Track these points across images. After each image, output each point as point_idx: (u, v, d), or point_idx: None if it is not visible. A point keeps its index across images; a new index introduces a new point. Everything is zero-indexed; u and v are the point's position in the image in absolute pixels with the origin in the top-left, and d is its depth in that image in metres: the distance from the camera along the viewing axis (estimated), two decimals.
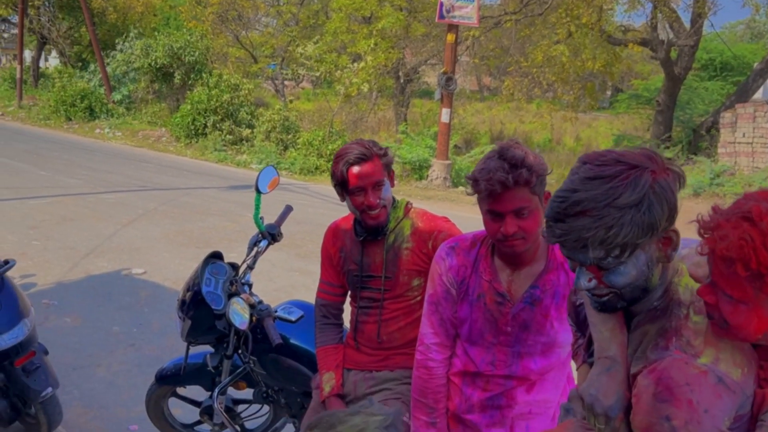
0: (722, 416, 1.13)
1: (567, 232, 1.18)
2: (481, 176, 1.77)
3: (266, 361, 2.76)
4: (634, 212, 1.15)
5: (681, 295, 1.24)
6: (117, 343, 4.63)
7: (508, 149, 1.80)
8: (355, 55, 15.43)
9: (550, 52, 13.81)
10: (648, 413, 1.17)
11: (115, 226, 7.63)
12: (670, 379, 1.14)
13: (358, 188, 2.20)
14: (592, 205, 1.15)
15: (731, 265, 1.06)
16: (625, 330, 1.30)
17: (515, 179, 1.73)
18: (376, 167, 2.20)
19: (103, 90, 19.22)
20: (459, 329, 1.99)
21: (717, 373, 1.14)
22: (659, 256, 1.21)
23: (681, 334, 1.19)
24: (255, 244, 2.83)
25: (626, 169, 1.17)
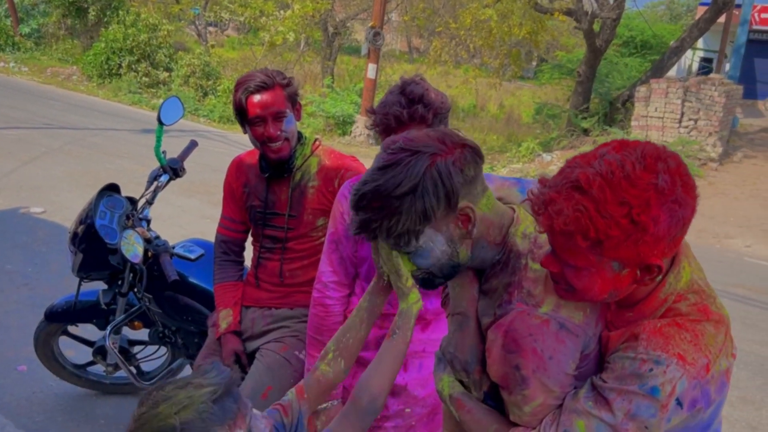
0: (567, 360, 1.17)
1: (359, 224, 1.21)
2: (378, 110, 1.74)
3: (162, 300, 2.67)
4: (410, 200, 1.15)
5: (519, 246, 1.25)
6: (9, 281, 4.38)
7: (408, 84, 1.78)
8: (283, 2, 14.96)
9: (479, 16, 13.82)
10: (500, 364, 1.21)
11: (14, 163, 7.17)
12: (515, 332, 1.18)
13: (257, 118, 2.11)
14: (375, 196, 1.17)
15: (571, 238, 1.06)
16: (476, 284, 1.32)
17: (410, 115, 1.71)
18: (277, 97, 2.11)
19: (9, 21, 17.89)
20: (358, 268, 1.96)
21: (558, 319, 1.17)
22: (461, 233, 1.21)
23: (522, 286, 1.21)
24: (155, 179, 2.70)
25: (406, 156, 1.17)
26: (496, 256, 1.26)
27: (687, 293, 1.16)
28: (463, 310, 1.32)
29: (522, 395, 1.19)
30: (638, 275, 1.10)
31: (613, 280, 1.10)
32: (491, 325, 1.24)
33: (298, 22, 13.71)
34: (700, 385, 1.11)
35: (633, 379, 1.10)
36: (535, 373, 1.16)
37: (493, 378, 1.25)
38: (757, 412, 3.96)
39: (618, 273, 1.09)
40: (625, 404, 1.10)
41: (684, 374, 1.08)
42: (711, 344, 1.12)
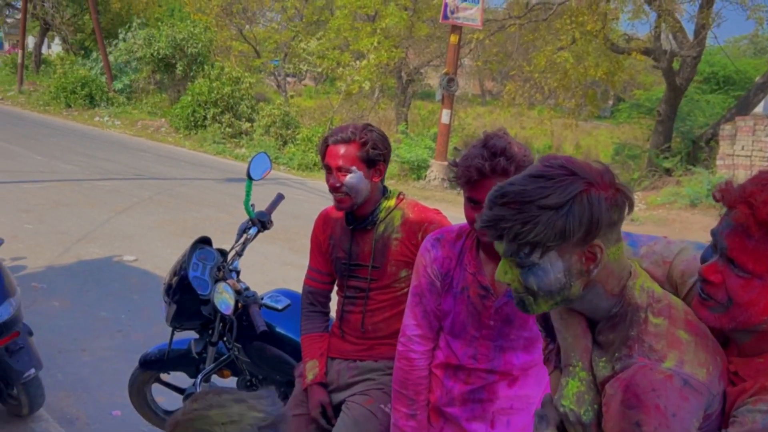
0: (691, 418, 1.13)
1: (489, 219, 1.18)
2: (460, 162, 1.77)
3: (251, 349, 2.74)
4: (552, 215, 1.14)
5: (637, 299, 1.22)
6: (104, 328, 4.61)
7: (491, 138, 1.80)
8: (358, 53, 15.40)
9: (554, 58, 13.79)
10: (619, 420, 1.16)
11: (108, 213, 7.60)
12: (636, 387, 1.14)
13: (327, 166, 2.23)
14: (517, 198, 1.16)
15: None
16: (589, 335, 1.28)
17: (492, 167, 1.72)
18: (349, 152, 2.19)
19: (104, 78, 19.19)
20: (442, 322, 1.97)
21: (682, 375, 1.13)
22: (580, 270, 1.19)
23: (643, 341, 1.18)
24: (244, 231, 2.81)
25: (564, 175, 1.16)
26: (613, 308, 1.23)
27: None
28: (578, 362, 1.28)
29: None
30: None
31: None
32: (609, 379, 1.21)
33: (373, 71, 14.06)
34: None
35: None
36: (657, 430, 1.12)
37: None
38: None
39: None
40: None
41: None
42: None
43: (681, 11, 13.55)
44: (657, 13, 13.24)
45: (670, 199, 11.06)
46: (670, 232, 9.49)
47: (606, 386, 1.21)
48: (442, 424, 1.97)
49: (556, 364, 1.48)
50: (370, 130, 2.26)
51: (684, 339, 1.16)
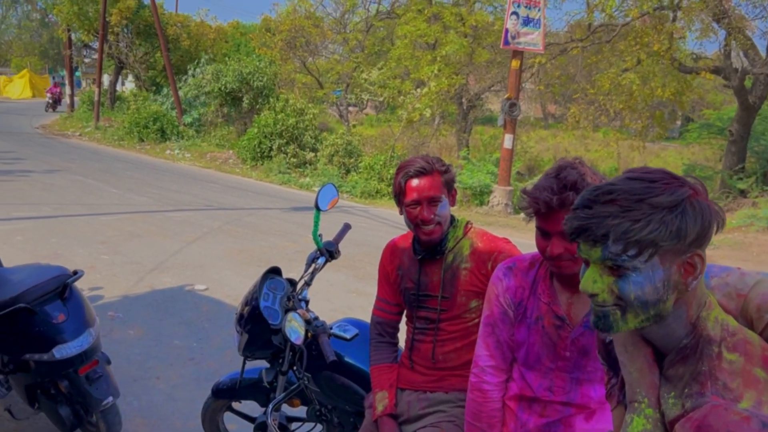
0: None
1: (591, 217, 1.12)
2: (530, 192, 1.74)
3: (320, 379, 2.76)
4: (666, 213, 1.08)
5: (710, 331, 1.15)
6: (177, 356, 4.72)
7: (564, 168, 1.76)
8: (419, 81, 15.54)
9: (618, 80, 13.55)
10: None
11: (180, 244, 7.84)
12: (709, 428, 1.07)
13: (414, 201, 2.20)
14: (624, 196, 1.10)
15: None
16: (656, 370, 1.22)
17: (561, 201, 1.69)
18: (434, 182, 2.19)
19: (174, 113, 19.97)
20: (516, 352, 1.94)
21: (761, 418, 1.06)
22: (677, 282, 1.12)
23: (716, 378, 1.11)
24: (313, 261, 2.84)
25: (669, 178, 1.12)
26: (685, 339, 1.17)
27: None
28: (643, 398, 1.22)
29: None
30: None
31: None
32: (679, 418, 1.15)
33: (434, 98, 14.14)
34: None
35: None
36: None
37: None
38: None
39: None
40: None
41: None
42: None
43: (752, 28, 13.15)
44: (726, 30, 12.86)
45: (746, 222, 10.60)
46: (747, 256, 9.08)
47: (676, 426, 1.15)
48: None
49: (620, 400, 1.42)
50: (438, 159, 2.28)
51: (762, 378, 1.09)
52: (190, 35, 24.58)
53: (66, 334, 3.18)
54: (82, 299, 3.40)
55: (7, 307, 3.09)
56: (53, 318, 3.18)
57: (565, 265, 1.75)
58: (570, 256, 1.73)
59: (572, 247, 1.72)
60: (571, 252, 1.72)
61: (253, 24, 27.59)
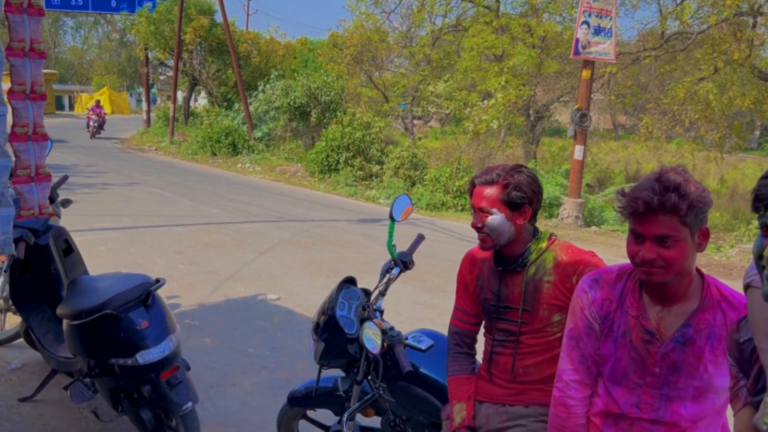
0: None
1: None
2: (629, 192, 1.70)
3: (395, 389, 2.75)
4: None
5: None
6: (251, 364, 4.82)
7: (667, 172, 1.71)
8: (485, 93, 15.45)
9: (694, 89, 13.11)
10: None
11: (252, 254, 8.01)
12: None
13: (472, 206, 2.25)
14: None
15: None
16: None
17: (661, 203, 1.63)
18: (491, 195, 2.18)
19: (245, 127, 20.50)
20: (601, 367, 1.88)
21: None
22: None
23: None
24: (387, 271, 2.85)
25: None
26: None
27: None
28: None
29: None
30: None
31: None
32: None
33: (501, 109, 14.02)
34: None
35: None
36: None
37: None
38: None
39: None
40: None
41: None
42: None
43: None
44: None
45: None
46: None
47: None
48: None
49: (746, 401, 1.36)
50: (519, 172, 2.22)
51: None
52: (260, 52, 25.24)
53: (149, 340, 3.28)
54: (163, 307, 3.51)
55: (94, 313, 3.23)
56: (137, 324, 3.29)
57: (657, 273, 1.69)
58: (662, 262, 1.67)
59: (667, 254, 1.66)
60: (665, 260, 1.67)
61: (321, 40, 28.11)
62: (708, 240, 1.73)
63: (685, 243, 1.67)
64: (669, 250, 1.66)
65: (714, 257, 9.83)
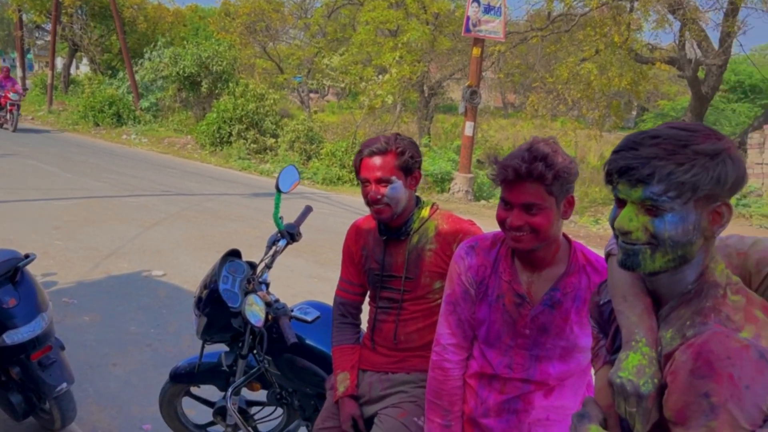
0: (764, 394, 1.09)
1: (636, 158, 1.17)
2: (501, 161, 1.75)
3: (281, 362, 2.74)
4: (708, 160, 1.14)
5: (717, 278, 1.21)
6: (134, 342, 4.64)
7: (537, 143, 1.77)
8: (381, 67, 15.48)
9: (577, 70, 13.72)
10: (685, 392, 1.13)
11: (137, 229, 7.68)
12: (710, 353, 1.10)
13: (365, 179, 2.22)
14: (670, 141, 1.16)
15: None
16: (654, 317, 1.27)
17: (529, 171, 1.69)
18: (386, 163, 2.19)
19: (131, 97, 19.50)
20: (477, 330, 1.95)
21: (759, 348, 1.10)
22: (705, 228, 1.19)
23: (720, 310, 1.16)
24: (273, 243, 2.81)
25: (708, 130, 1.19)
26: (689, 285, 1.23)
27: None
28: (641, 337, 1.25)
29: (707, 427, 1.10)
30: None
31: None
32: (678, 348, 1.18)
33: (396, 85, 14.10)
34: None
35: None
36: (727, 403, 1.07)
37: (668, 410, 1.16)
38: None
39: None
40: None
41: None
42: None
43: (706, 20, 13.41)
44: (681, 22, 13.13)
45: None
46: None
47: (675, 354, 1.17)
48: None
49: (606, 360, 1.45)
50: (403, 139, 2.27)
51: (761, 318, 1.15)
52: (147, 18, 24.00)
53: (17, 319, 3.09)
54: (34, 284, 3.30)
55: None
56: (3, 302, 3.08)
57: (524, 239, 1.76)
58: (529, 229, 1.74)
59: (533, 221, 1.73)
60: (532, 226, 1.74)
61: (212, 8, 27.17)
62: (573, 208, 1.82)
63: (550, 211, 1.74)
64: (535, 218, 1.73)
65: (592, 229, 10.41)
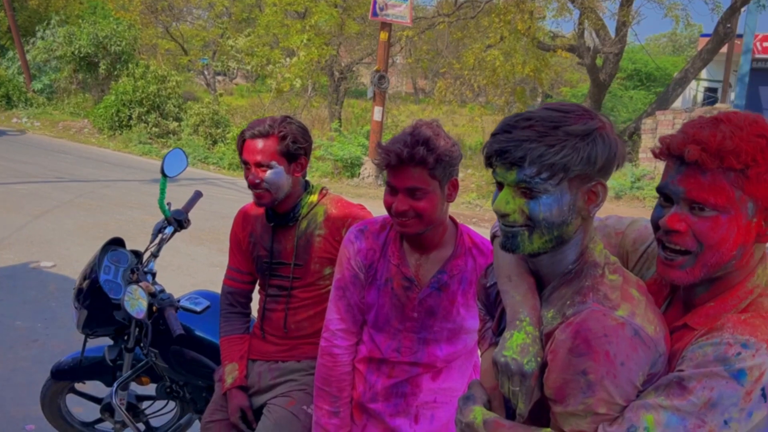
0: (637, 370, 1.12)
1: (509, 141, 1.17)
2: (384, 146, 1.73)
3: (169, 354, 2.62)
4: (578, 141, 1.15)
5: (596, 258, 1.23)
6: (18, 338, 4.36)
7: (419, 127, 1.76)
8: (289, 50, 15.22)
9: (482, 56, 13.97)
10: (564, 370, 1.14)
11: (25, 218, 7.22)
12: (588, 331, 1.12)
13: (245, 162, 2.15)
14: (542, 123, 1.16)
15: (723, 160, 1.07)
16: (537, 296, 1.28)
17: (411, 155, 1.68)
18: (267, 147, 2.12)
19: (22, 78, 18.29)
20: (366, 315, 1.92)
21: (633, 326, 1.13)
22: (581, 208, 1.20)
23: (598, 290, 1.18)
24: (160, 231, 2.68)
25: (582, 110, 1.20)
26: (570, 265, 1.24)
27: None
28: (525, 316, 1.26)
29: (584, 404, 1.12)
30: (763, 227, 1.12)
31: (745, 231, 1.10)
32: (558, 327, 1.19)
33: (304, 68, 13.90)
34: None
35: (717, 363, 1.06)
36: (603, 380, 1.10)
37: (549, 388, 1.18)
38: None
39: (750, 221, 1.10)
40: (705, 392, 1.05)
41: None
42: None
43: (603, 9, 13.99)
44: (580, 10, 13.60)
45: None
46: None
47: (555, 332, 1.18)
48: (365, 420, 1.92)
49: (491, 342, 1.45)
50: (289, 123, 2.19)
51: (636, 296, 1.18)
52: None
53: None
54: None
55: None
56: None
57: (410, 224, 1.75)
58: (414, 214, 1.73)
59: (418, 205, 1.72)
60: (417, 211, 1.72)
61: None
62: (457, 191, 1.82)
63: (434, 194, 1.73)
64: (419, 202, 1.72)
65: None
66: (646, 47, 27.32)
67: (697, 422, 1.05)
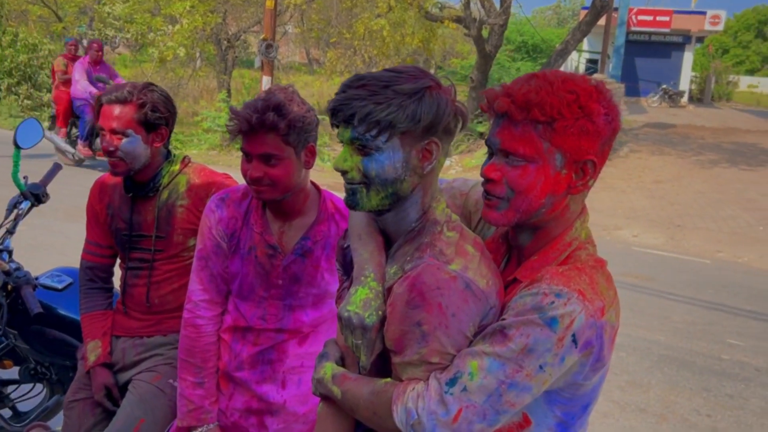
0: (468, 321, 1.17)
1: (342, 100, 1.22)
2: (235, 111, 1.70)
3: (29, 334, 2.50)
4: (405, 99, 1.20)
5: (437, 216, 1.28)
6: None
7: (273, 93, 1.74)
8: (171, 17, 14.56)
9: (372, 26, 13.95)
10: (401, 322, 1.19)
11: None
12: (423, 284, 1.17)
13: (101, 128, 2.05)
14: (373, 82, 1.21)
15: (529, 112, 1.14)
16: (384, 254, 1.32)
17: (261, 121, 1.67)
18: (124, 115, 2.03)
19: None
20: (230, 285, 1.90)
21: (465, 279, 1.18)
22: (416, 165, 1.24)
23: (435, 245, 1.23)
24: (15, 206, 2.53)
25: (416, 71, 1.25)
26: (414, 223, 1.28)
27: (586, 244, 1.25)
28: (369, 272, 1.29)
29: (419, 354, 1.18)
30: (573, 179, 1.19)
31: (554, 181, 1.18)
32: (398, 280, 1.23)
33: (188, 36, 13.37)
34: (595, 326, 1.14)
35: (533, 312, 1.13)
36: (436, 331, 1.15)
37: (388, 340, 1.23)
38: (644, 394, 4.16)
39: (559, 172, 1.18)
40: (522, 338, 1.12)
41: (583, 310, 1.12)
42: (605, 293, 1.18)
43: None
44: None
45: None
46: None
47: (394, 286, 1.23)
48: (232, 389, 1.91)
49: None
50: (151, 90, 2.11)
51: (470, 252, 1.23)
52: None
53: None
54: None
55: None
56: None
57: (264, 191, 1.74)
58: (269, 181, 1.72)
59: (272, 172, 1.71)
60: (271, 178, 1.71)
61: None
62: (315, 157, 1.82)
63: (289, 161, 1.73)
64: (274, 169, 1.71)
65: None
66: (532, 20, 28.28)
67: (515, 367, 1.12)
